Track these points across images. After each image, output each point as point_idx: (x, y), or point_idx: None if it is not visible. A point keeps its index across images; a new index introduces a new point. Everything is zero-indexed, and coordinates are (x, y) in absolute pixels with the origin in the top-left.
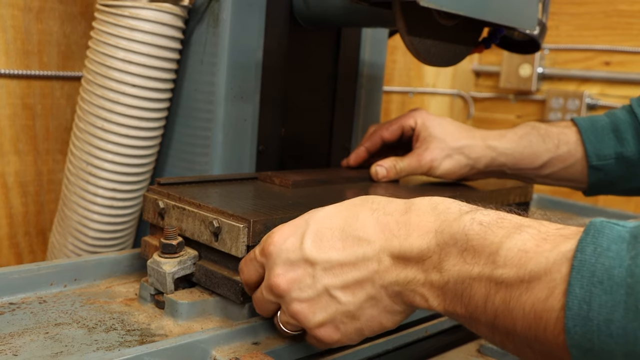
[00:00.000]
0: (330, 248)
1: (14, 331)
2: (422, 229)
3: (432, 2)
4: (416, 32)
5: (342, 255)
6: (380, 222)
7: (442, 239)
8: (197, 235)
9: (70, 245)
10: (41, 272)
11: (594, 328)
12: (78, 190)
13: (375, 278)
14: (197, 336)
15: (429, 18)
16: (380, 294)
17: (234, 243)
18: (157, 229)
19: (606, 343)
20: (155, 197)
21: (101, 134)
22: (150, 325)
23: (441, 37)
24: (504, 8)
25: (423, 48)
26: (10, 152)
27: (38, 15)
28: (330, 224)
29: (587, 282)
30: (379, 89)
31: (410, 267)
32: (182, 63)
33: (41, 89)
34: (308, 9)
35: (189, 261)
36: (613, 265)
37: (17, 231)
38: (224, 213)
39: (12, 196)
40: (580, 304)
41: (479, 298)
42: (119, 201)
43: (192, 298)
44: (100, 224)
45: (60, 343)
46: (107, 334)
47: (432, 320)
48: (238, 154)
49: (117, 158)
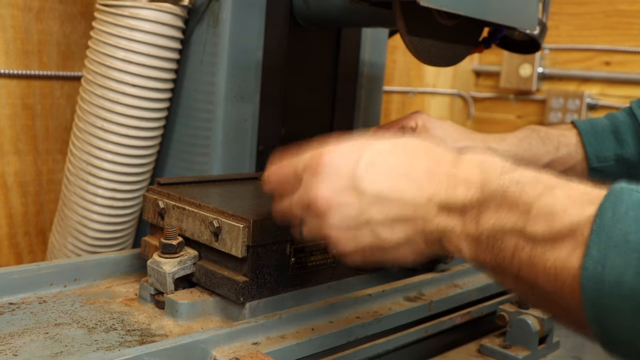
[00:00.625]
0: (382, 182)
1: (14, 331)
2: (468, 184)
3: (432, 2)
4: (416, 32)
5: (393, 193)
6: (432, 172)
7: (483, 195)
8: (197, 235)
9: (70, 245)
10: (41, 272)
11: (605, 288)
12: (78, 190)
13: (419, 223)
14: (197, 336)
15: (429, 18)
16: (419, 237)
17: (234, 243)
18: (157, 229)
19: (616, 302)
20: (155, 197)
21: (101, 133)
22: (150, 325)
23: (441, 37)
24: (504, 8)
25: (423, 48)
26: (10, 152)
27: (38, 15)
28: (385, 159)
29: (604, 246)
30: (379, 89)
31: (452, 217)
32: (182, 63)
33: (41, 89)
34: (308, 9)
35: (189, 261)
36: (629, 231)
37: (17, 231)
38: (224, 213)
39: (12, 196)
40: (596, 265)
41: (507, 250)
42: (119, 201)
43: (192, 298)
44: (100, 224)
45: (60, 343)
46: (107, 334)
47: (432, 321)
48: (238, 154)
49: (117, 158)
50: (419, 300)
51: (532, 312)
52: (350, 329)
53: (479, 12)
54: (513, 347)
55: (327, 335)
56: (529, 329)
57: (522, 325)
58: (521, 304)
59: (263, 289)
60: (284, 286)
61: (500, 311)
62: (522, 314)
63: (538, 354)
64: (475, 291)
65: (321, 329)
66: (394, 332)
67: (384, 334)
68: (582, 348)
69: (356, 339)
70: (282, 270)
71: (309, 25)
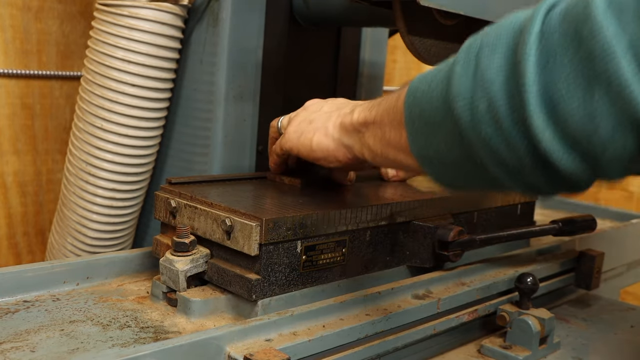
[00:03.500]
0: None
1: (30, 328)
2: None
3: (432, 1)
4: (416, 31)
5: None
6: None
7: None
8: (209, 234)
9: (69, 245)
10: (54, 270)
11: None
12: (77, 190)
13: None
14: (211, 333)
15: (429, 17)
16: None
17: (246, 241)
18: (168, 228)
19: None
20: (167, 196)
21: (100, 133)
22: (164, 322)
23: (442, 36)
24: (505, 7)
25: (423, 48)
26: (9, 152)
27: (37, 14)
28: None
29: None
30: (379, 89)
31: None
32: (182, 63)
33: (40, 89)
34: (308, 8)
35: (201, 259)
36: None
37: (16, 231)
38: (236, 212)
39: (11, 196)
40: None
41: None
42: (119, 201)
43: (205, 296)
44: (99, 224)
45: (76, 340)
46: (121, 331)
47: (433, 320)
48: (238, 154)
49: (117, 158)
50: (427, 298)
51: (533, 312)
52: (361, 326)
53: (479, 12)
54: (514, 348)
55: (338, 332)
56: (530, 329)
57: (522, 325)
58: (522, 304)
59: (274, 286)
60: (294, 284)
61: (500, 311)
62: (523, 314)
63: (539, 354)
64: (482, 289)
65: (332, 326)
66: (403, 329)
67: (393, 331)
68: (583, 348)
69: (366, 336)
70: (293, 268)
71: (309, 25)
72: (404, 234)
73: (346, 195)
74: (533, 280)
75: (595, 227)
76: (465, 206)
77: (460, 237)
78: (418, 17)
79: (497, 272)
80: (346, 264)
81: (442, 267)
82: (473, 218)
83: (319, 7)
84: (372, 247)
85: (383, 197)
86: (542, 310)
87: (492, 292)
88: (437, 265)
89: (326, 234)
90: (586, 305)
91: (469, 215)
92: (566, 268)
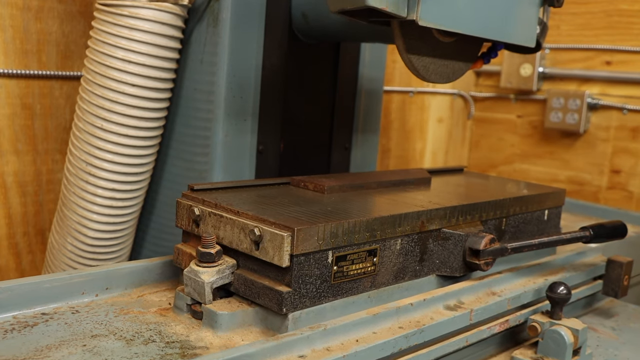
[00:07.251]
0: None
1: (50, 343)
2: None
3: (431, 21)
4: (415, 50)
5: None
6: None
7: None
8: (235, 244)
9: (69, 245)
10: (73, 281)
11: None
12: (77, 190)
13: None
14: (243, 350)
15: (428, 36)
16: None
17: (276, 252)
18: (190, 236)
19: None
20: (190, 203)
21: (101, 133)
22: (189, 336)
23: (440, 54)
24: (503, 25)
25: (421, 66)
26: (9, 152)
27: (37, 14)
28: None
29: None
30: (379, 89)
31: None
32: (182, 63)
33: (40, 89)
34: (307, 23)
35: (227, 270)
36: None
37: (16, 231)
38: (265, 220)
39: (11, 196)
40: None
41: None
42: (119, 201)
43: (231, 308)
44: (99, 224)
45: (100, 356)
46: (146, 346)
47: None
48: (238, 154)
49: (117, 158)
50: (459, 309)
51: (565, 322)
52: (395, 340)
53: (478, 30)
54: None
55: (372, 347)
56: (563, 341)
57: (555, 337)
58: (553, 314)
59: (305, 298)
60: (325, 295)
61: (531, 322)
62: (555, 324)
63: None
64: (513, 299)
65: (366, 340)
66: (436, 342)
67: (427, 344)
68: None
69: (400, 350)
70: (324, 279)
71: (309, 39)
72: (434, 242)
73: (374, 202)
74: (565, 289)
75: (626, 233)
76: (494, 213)
77: (491, 245)
78: (417, 35)
79: (526, 281)
80: (377, 274)
81: (470, 276)
82: (501, 224)
83: (319, 23)
84: (402, 256)
85: (412, 204)
86: (574, 321)
87: (523, 301)
88: (466, 273)
89: (357, 243)
90: (613, 313)
91: (498, 222)
92: (594, 275)
